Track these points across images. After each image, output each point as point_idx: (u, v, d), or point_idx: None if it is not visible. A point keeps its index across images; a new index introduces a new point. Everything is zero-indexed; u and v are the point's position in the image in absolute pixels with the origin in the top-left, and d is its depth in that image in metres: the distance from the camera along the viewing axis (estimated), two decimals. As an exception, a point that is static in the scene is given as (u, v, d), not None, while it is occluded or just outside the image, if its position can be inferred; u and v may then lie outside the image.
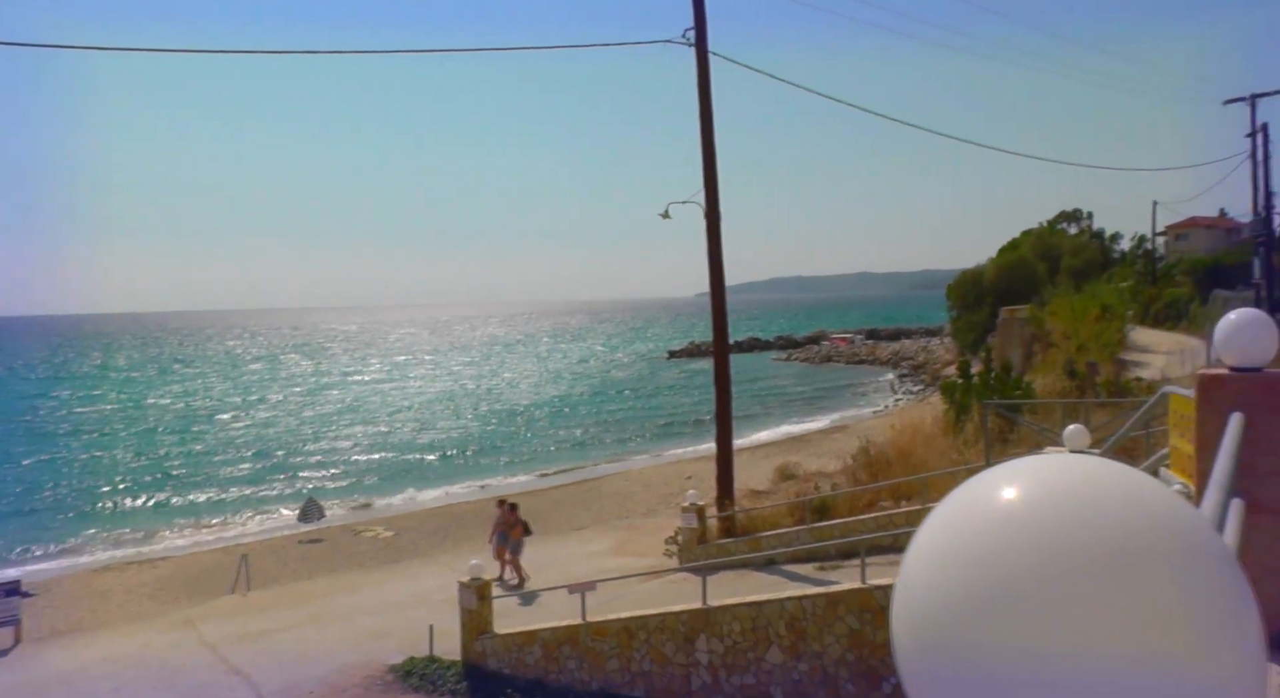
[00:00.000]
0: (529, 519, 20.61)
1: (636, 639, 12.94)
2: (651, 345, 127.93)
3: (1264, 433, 4.06)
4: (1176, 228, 72.60)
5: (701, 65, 20.09)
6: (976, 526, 0.91)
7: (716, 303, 20.62)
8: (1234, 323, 4.30)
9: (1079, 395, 21.12)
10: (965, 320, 61.66)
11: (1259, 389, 4.15)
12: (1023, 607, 0.83)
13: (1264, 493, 4.03)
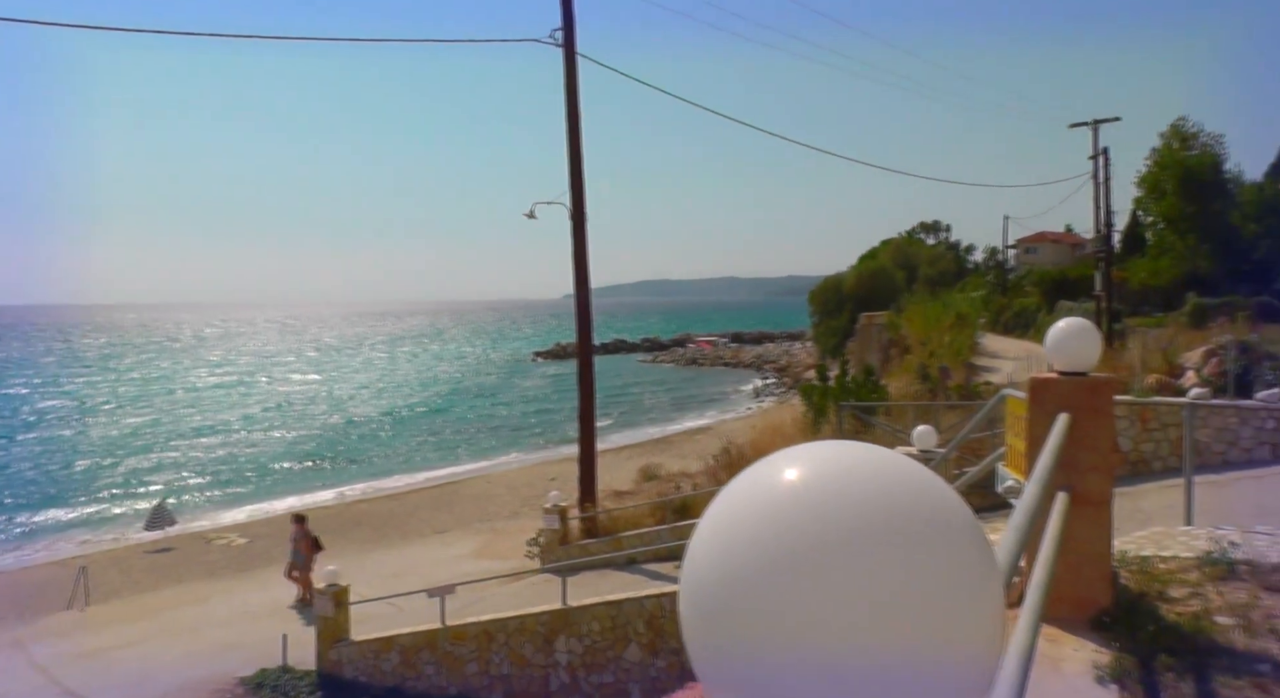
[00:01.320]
0: (389, 523, 20.21)
1: (496, 642, 12.83)
2: (517, 346, 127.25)
3: (1087, 431, 4.29)
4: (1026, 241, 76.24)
5: (569, 66, 20.07)
6: (755, 502, 0.97)
7: (581, 305, 20.63)
8: (1062, 331, 4.54)
9: (931, 398, 21.92)
10: (826, 325, 63.35)
11: (1083, 391, 4.38)
12: (793, 574, 0.90)
13: (1086, 486, 4.26)
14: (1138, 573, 4.97)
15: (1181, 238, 44.88)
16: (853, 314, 56.17)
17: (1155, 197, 46.48)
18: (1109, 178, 37.51)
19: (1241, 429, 14.32)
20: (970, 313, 40.92)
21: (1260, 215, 41.97)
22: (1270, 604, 4.53)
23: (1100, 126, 38.49)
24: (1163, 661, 3.76)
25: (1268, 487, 12.15)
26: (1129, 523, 7.89)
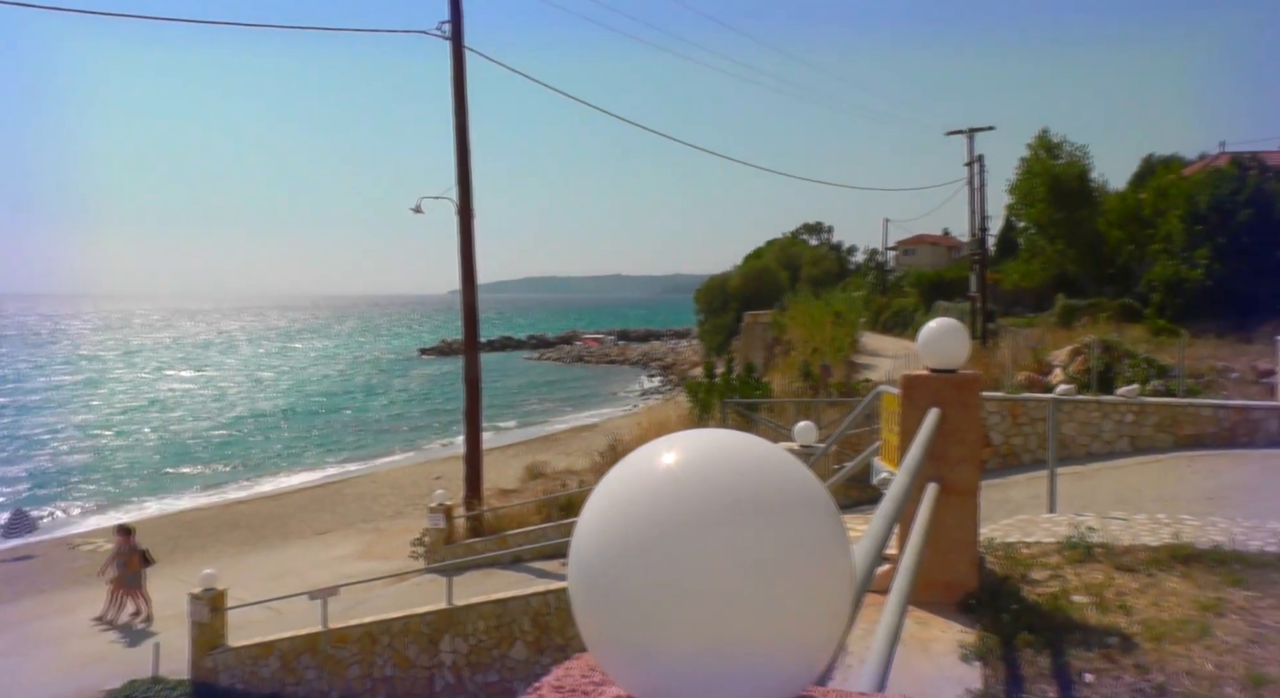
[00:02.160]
0: (269, 524, 19.68)
1: (379, 644, 12.65)
2: (403, 342, 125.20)
3: (955, 425, 4.50)
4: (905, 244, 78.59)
5: (457, 60, 19.87)
6: (631, 484, 1.06)
7: (468, 300, 20.47)
8: (933, 330, 4.75)
9: (813, 395, 22.44)
10: (712, 323, 64.17)
11: (952, 387, 4.60)
12: (662, 549, 0.99)
13: (955, 477, 4.47)
14: (1004, 558, 5.23)
15: (1051, 243, 46.86)
16: (738, 313, 57.04)
17: (1026, 203, 48.40)
18: (983, 184, 39.02)
19: (1104, 423, 15.08)
20: (851, 312, 41.96)
21: (1123, 223, 44.10)
22: (1121, 583, 4.84)
23: (975, 135, 40.00)
24: (1023, 638, 3.98)
25: (1126, 476, 12.82)
26: (999, 512, 8.27)
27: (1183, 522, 6.61)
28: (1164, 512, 7.97)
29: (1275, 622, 4.33)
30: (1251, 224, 35.13)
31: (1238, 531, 6.33)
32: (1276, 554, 5.52)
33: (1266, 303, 33.09)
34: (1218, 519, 6.93)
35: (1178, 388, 17.54)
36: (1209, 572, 5.12)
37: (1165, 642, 4.01)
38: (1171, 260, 37.14)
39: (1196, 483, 11.90)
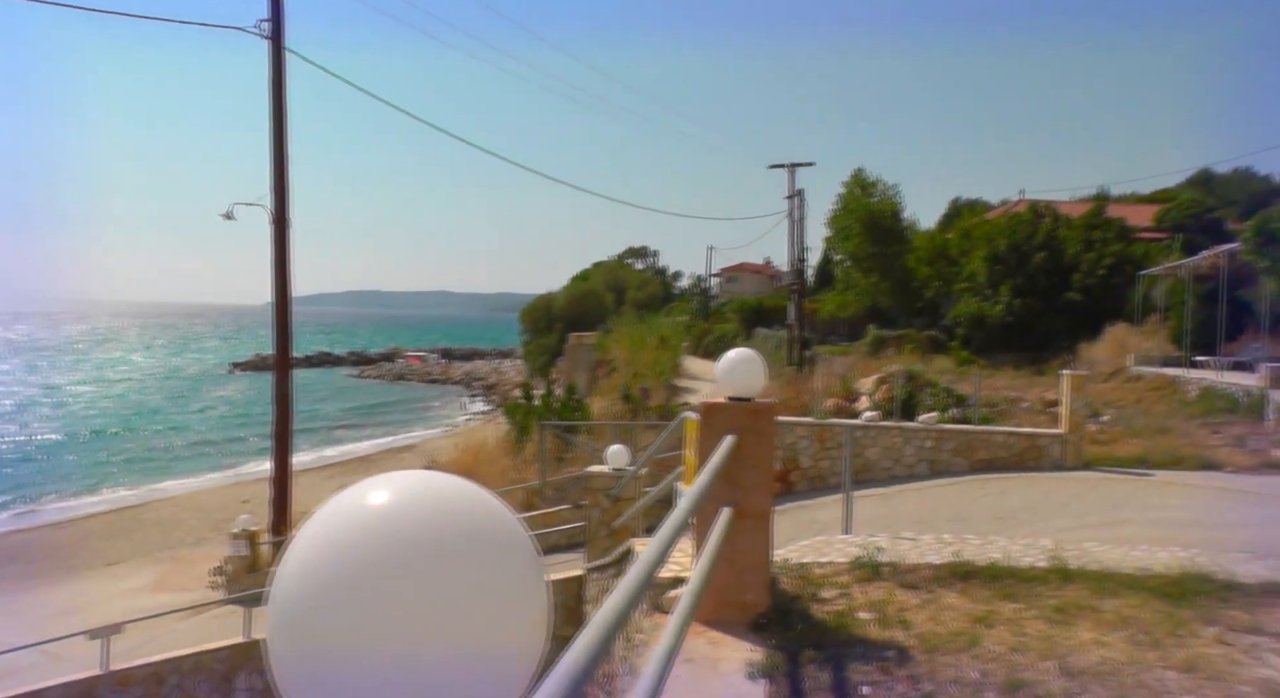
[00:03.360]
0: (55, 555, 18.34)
1: (167, 684, 11.92)
2: (214, 357, 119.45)
3: (750, 452, 4.66)
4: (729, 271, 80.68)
5: (276, 60, 19.19)
6: (334, 526, 1.08)
7: (281, 314, 19.76)
8: (731, 360, 4.91)
9: (633, 418, 22.70)
10: (537, 344, 64.06)
11: (748, 415, 4.76)
12: (365, 593, 1.01)
13: (748, 501, 4.63)
14: (797, 578, 5.43)
15: (865, 276, 49.09)
16: (563, 334, 57.16)
17: (843, 237, 50.60)
18: (803, 217, 40.56)
19: (906, 448, 15.89)
20: (674, 337, 42.75)
21: (932, 260, 46.68)
22: (904, 599, 5.11)
23: (797, 169, 41.57)
24: (807, 655, 4.15)
25: (924, 498, 13.54)
26: (804, 532, 8.58)
27: (966, 541, 7.03)
28: (955, 531, 8.45)
29: (1037, 631, 4.67)
30: (1045, 266, 37.85)
31: (1014, 548, 6.78)
32: (1045, 569, 5.96)
33: (1057, 339, 35.70)
34: (998, 538, 7.41)
35: (974, 416, 18.64)
36: (984, 587, 5.47)
37: (938, 653, 4.27)
38: (975, 297, 39.53)
39: (987, 504, 12.68)
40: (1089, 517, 11.08)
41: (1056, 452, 16.21)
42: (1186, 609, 5.26)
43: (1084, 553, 6.74)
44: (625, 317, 49.15)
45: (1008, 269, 38.33)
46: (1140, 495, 13.09)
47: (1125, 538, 8.60)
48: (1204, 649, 4.58)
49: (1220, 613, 5.23)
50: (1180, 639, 4.70)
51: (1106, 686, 3.99)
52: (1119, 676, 4.12)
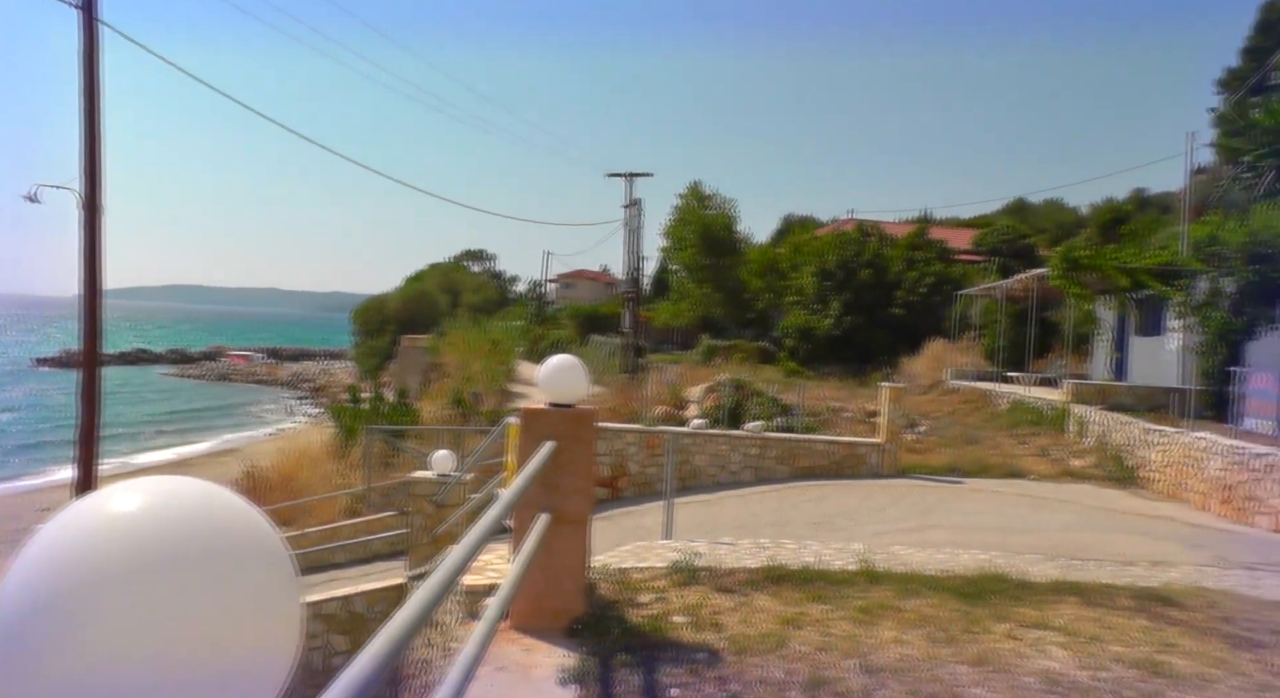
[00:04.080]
0: None
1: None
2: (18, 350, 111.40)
3: (570, 457, 4.68)
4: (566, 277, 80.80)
5: (88, 32, 17.99)
6: (62, 537, 1.02)
7: (90, 305, 18.58)
8: (553, 366, 4.92)
9: (464, 423, 22.43)
10: (368, 346, 62.59)
11: (568, 422, 4.78)
12: (87, 607, 0.95)
13: (567, 507, 4.64)
14: (615, 583, 5.48)
15: (699, 286, 50.00)
16: (395, 336, 56.06)
17: (678, 247, 51.42)
18: (640, 226, 41.00)
19: (732, 455, 16.26)
20: (508, 341, 42.48)
21: (764, 273, 47.97)
22: (718, 603, 5.22)
23: (635, 179, 41.99)
24: (620, 659, 4.19)
25: (748, 504, 13.88)
26: (630, 538, 8.66)
27: (783, 545, 7.25)
28: (775, 536, 8.70)
29: (842, 631, 4.86)
30: (870, 283, 39.46)
31: (828, 552, 7.04)
32: (855, 571, 6.20)
33: (880, 352, 37.27)
34: (813, 542, 7.67)
35: (798, 425, 19.24)
36: (797, 590, 5.65)
37: (747, 655, 4.38)
38: (803, 310, 40.83)
39: (807, 509, 13.11)
40: (901, 522, 11.62)
41: (874, 460, 16.93)
42: (982, 607, 5.57)
43: (892, 556, 7.05)
44: (460, 320, 48.52)
45: (835, 284, 39.77)
46: (949, 502, 13.82)
47: (932, 542, 9.06)
48: (994, 644, 4.86)
49: (1012, 610, 5.57)
50: (974, 635, 4.98)
51: (903, 681, 4.19)
52: (915, 671, 4.33)
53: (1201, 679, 4.57)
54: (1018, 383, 28.02)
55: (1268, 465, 14.54)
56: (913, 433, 20.91)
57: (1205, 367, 20.34)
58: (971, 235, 50.69)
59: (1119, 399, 21.99)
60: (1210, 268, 21.57)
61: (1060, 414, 22.33)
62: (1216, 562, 8.45)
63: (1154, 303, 24.19)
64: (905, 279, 39.62)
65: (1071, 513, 13.22)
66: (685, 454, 15.74)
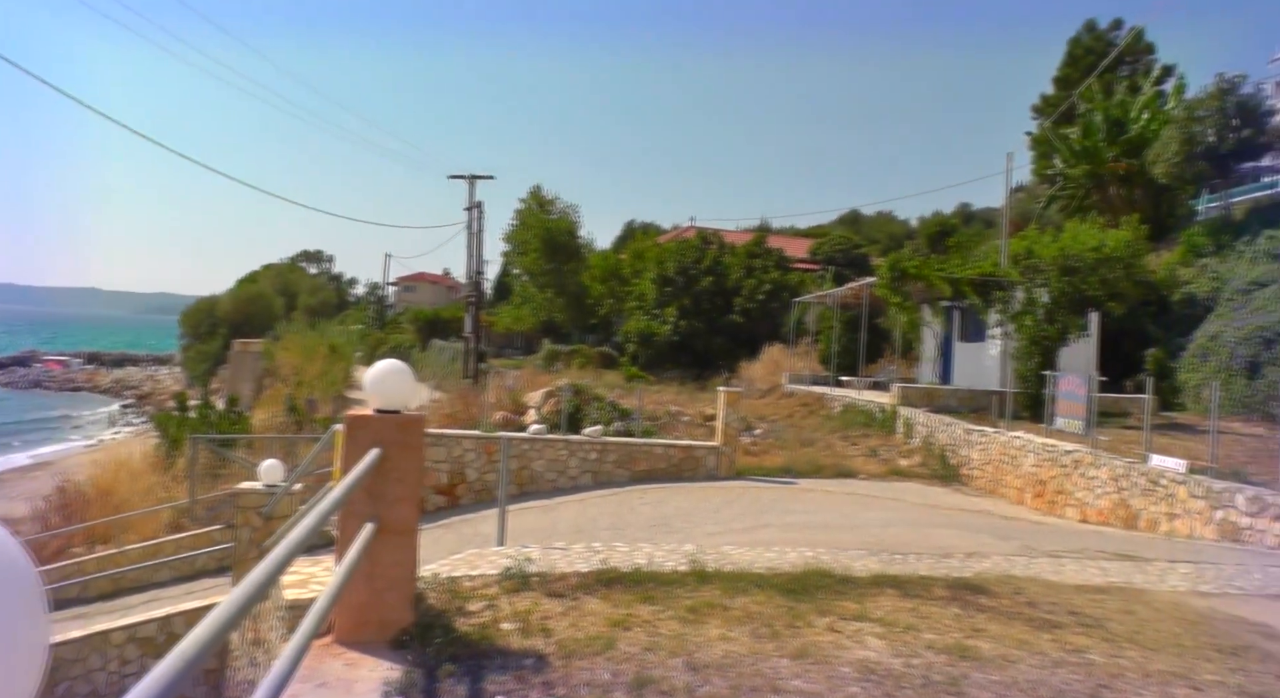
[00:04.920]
0: None
1: None
2: None
3: (396, 465, 4.61)
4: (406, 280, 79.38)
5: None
6: None
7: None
8: (380, 371, 4.84)
9: (298, 431, 21.75)
10: (198, 350, 60.05)
11: (395, 428, 4.70)
12: None
13: (393, 515, 4.56)
14: (445, 592, 5.42)
15: (541, 291, 49.96)
16: (227, 340, 53.92)
17: (520, 252, 51.26)
18: (482, 229, 40.54)
19: (570, 460, 16.31)
20: (346, 346, 41.46)
21: (606, 278, 48.30)
22: (548, 608, 5.24)
23: (477, 181, 41.51)
24: (446, 669, 4.16)
25: (586, 508, 13.93)
26: (467, 545, 8.57)
27: (616, 548, 7.32)
28: (612, 540, 8.77)
29: (670, 630, 4.95)
30: (710, 290, 40.23)
31: (660, 553, 7.14)
32: (685, 572, 6.33)
33: (720, 357, 38.04)
34: (646, 545, 7.77)
35: (636, 429, 19.45)
36: (627, 592, 5.72)
37: (574, 658, 4.41)
38: (645, 316, 41.27)
39: (645, 512, 13.26)
40: (735, 522, 11.90)
41: (712, 462, 17.28)
42: (805, 602, 5.77)
43: (723, 556, 7.22)
44: (296, 324, 47.08)
45: (676, 290, 40.38)
46: (783, 502, 14.23)
47: (763, 541, 9.31)
48: (815, 637, 5.05)
49: (833, 604, 5.79)
50: (796, 630, 5.15)
51: (726, 677, 4.30)
52: (739, 667, 4.45)
53: (1004, 660, 4.86)
54: (850, 387, 29.10)
55: (1075, 461, 15.56)
56: (749, 436, 21.44)
57: (1022, 371, 21.62)
58: (808, 244, 52.45)
59: (944, 402, 23.12)
60: (1026, 279, 22.96)
61: (889, 416, 23.31)
62: (1025, 551, 8.98)
63: (977, 311, 25.55)
64: (744, 286, 40.58)
65: (897, 510, 13.81)
66: (524, 460, 15.70)
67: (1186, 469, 13.16)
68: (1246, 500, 11.81)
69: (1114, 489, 14.45)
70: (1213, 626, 6.07)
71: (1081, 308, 21.30)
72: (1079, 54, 43.50)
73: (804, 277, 43.37)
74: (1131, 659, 5.08)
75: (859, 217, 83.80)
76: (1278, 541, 11.15)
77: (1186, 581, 7.66)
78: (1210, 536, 12.18)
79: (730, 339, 39.02)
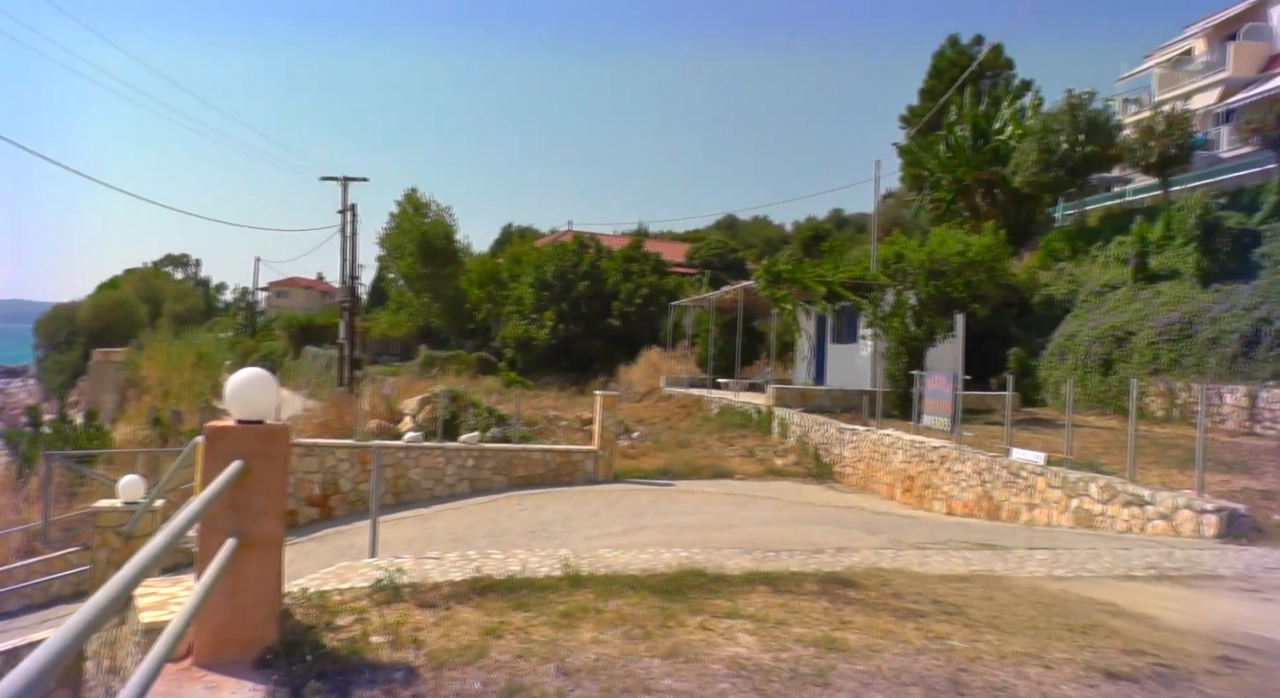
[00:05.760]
0: None
1: None
2: None
3: (260, 478, 4.49)
4: (279, 285, 77.22)
5: None
6: None
7: None
8: (240, 381, 4.71)
9: (163, 444, 20.93)
10: (54, 361, 57.22)
11: (258, 439, 4.58)
12: None
13: (257, 530, 4.44)
14: (314, 607, 5.31)
15: (418, 296, 49.26)
16: (86, 349, 51.52)
17: (396, 256, 50.46)
18: (356, 232, 39.76)
19: (447, 467, 16.14)
20: (215, 354, 40.14)
21: (483, 283, 47.89)
22: (419, 619, 5.18)
23: (350, 183, 40.63)
24: (312, 687, 4.07)
25: (464, 516, 13.80)
26: (341, 558, 8.41)
27: (490, 556, 7.28)
28: (490, 547, 8.71)
29: (542, 636, 4.95)
30: (588, 294, 40.32)
31: (535, 559, 7.13)
32: (560, 577, 6.33)
33: (598, 361, 38.14)
34: (521, 551, 7.75)
35: (514, 435, 19.35)
36: (501, 599, 5.70)
37: (445, 669, 4.38)
38: (523, 320, 41.11)
39: (523, 518, 13.21)
40: (612, 525, 11.95)
41: (590, 466, 17.33)
42: (679, 602, 5.84)
43: (598, 559, 7.25)
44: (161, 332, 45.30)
45: (554, 295, 40.35)
46: (660, 504, 14.36)
47: (639, 543, 9.39)
48: (688, 636, 5.12)
49: (706, 603, 5.88)
50: (669, 630, 5.21)
51: (598, 680, 4.33)
52: (610, 669, 4.48)
53: (870, 650, 5.02)
54: (727, 389, 29.55)
55: (941, 457, 16.15)
56: (627, 439, 21.57)
57: (892, 371, 22.34)
58: (685, 249, 53.04)
59: (818, 402, 23.70)
60: (896, 282, 23.73)
61: (765, 417, 23.77)
62: (893, 545, 9.27)
63: (849, 313, 26.28)
64: (622, 290, 40.80)
65: (772, 508, 14.08)
66: (400, 469, 15.47)
67: (1045, 461, 13.81)
68: (1099, 489, 12.46)
69: (978, 482, 15.05)
70: (1065, 607, 6.38)
71: (948, 310, 22.13)
72: (943, 67, 45.22)
73: (681, 280, 43.86)
74: (989, 643, 5.30)
75: (735, 221, 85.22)
76: (1126, 525, 11.80)
77: (1043, 566, 8.02)
78: (1066, 523, 12.81)
79: (609, 343, 39.20)
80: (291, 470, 14.34)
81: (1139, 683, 4.75)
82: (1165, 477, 13.06)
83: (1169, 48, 41.06)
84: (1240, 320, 20.93)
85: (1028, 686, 4.60)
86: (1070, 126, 29.49)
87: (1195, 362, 21.28)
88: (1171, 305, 23.12)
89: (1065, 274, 28.54)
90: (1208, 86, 36.48)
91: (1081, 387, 23.11)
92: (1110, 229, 28.79)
